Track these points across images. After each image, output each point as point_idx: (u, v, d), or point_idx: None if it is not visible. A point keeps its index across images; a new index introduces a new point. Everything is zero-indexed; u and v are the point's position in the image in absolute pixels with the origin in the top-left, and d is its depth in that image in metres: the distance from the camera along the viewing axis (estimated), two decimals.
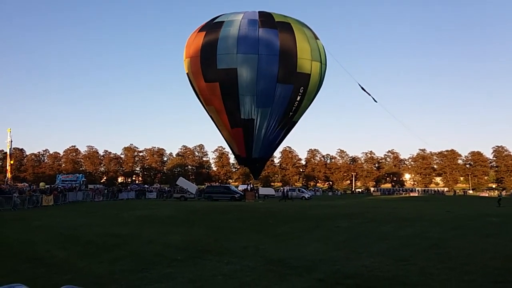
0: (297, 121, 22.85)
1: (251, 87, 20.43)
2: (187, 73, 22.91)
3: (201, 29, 22.13)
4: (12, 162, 66.85)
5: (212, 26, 21.61)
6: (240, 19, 21.27)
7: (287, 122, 21.88)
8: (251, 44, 20.36)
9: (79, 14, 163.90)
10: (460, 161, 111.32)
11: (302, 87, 20.96)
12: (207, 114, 23.66)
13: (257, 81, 20.33)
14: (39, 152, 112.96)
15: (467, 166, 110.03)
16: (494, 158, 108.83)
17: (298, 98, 21.09)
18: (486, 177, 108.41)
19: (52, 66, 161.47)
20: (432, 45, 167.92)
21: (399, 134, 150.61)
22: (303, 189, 62.37)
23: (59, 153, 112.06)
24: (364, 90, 24.75)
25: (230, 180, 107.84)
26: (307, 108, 22.78)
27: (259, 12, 22.10)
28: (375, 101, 25.77)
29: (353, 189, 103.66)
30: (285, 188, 67.34)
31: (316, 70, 21.60)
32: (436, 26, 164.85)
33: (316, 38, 22.76)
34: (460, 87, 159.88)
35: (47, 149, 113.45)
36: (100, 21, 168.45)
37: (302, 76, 20.91)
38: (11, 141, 62.31)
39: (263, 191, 57.88)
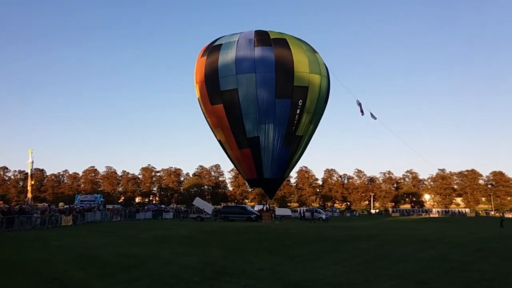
0: (303, 136, 22.62)
1: (252, 105, 20.80)
2: (198, 98, 23.47)
3: (203, 54, 22.72)
4: (32, 182, 68.14)
5: (212, 50, 22.17)
6: (237, 40, 21.76)
7: (292, 138, 21.80)
8: (248, 64, 20.85)
9: (98, 36, 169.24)
10: (481, 181, 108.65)
11: (300, 100, 21.07)
12: (216, 139, 23.95)
13: (257, 99, 20.69)
14: (59, 173, 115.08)
15: (489, 186, 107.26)
16: None
17: (298, 111, 21.17)
18: (509, 198, 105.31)
19: (71, 88, 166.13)
20: (450, 64, 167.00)
21: (417, 154, 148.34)
22: (320, 210, 61.49)
23: (78, 174, 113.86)
24: (360, 106, 24.72)
25: (246, 200, 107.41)
26: (311, 123, 22.59)
27: (255, 31, 22.43)
28: (374, 118, 25.77)
29: (370, 210, 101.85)
30: (302, 208, 66.73)
31: (315, 82, 21.64)
32: (452, 45, 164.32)
33: (315, 51, 22.89)
34: (479, 105, 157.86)
35: (66, 170, 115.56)
36: (118, 43, 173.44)
37: (300, 89, 21.04)
38: (32, 162, 63.77)
39: (279, 211, 57.37)
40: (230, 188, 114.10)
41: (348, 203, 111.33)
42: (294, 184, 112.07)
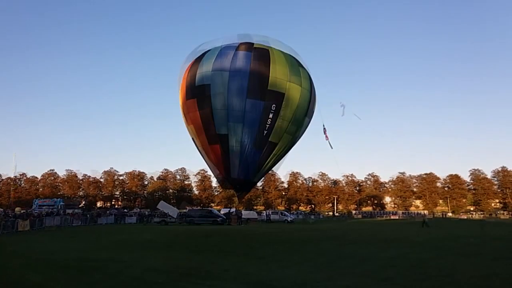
0: (278, 144, 22.67)
1: (222, 101, 20.98)
2: (180, 105, 23.71)
3: (187, 58, 23.04)
4: None
5: (198, 54, 22.62)
6: (221, 44, 22.20)
7: (264, 142, 21.83)
8: (224, 63, 21.23)
9: (52, 37, 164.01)
10: (439, 184, 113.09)
11: (273, 105, 21.23)
12: (191, 140, 23.91)
13: (227, 96, 20.87)
14: (15, 176, 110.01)
15: (446, 189, 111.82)
16: (471, 181, 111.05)
17: (271, 115, 21.31)
18: (464, 200, 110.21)
19: (28, 87, 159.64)
20: (410, 72, 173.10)
21: (378, 157, 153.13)
22: (286, 213, 62.29)
23: (36, 177, 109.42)
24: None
25: (212, 204, 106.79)
26: (288, 133, 22.60)
27: (240, 40, 22.83)
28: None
29: (334, 212, 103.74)
30: (267, 211, 67.11)
31: (294, 93, 21.84)
32: (414, 53, 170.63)
33: (300, 65, 23.24)
34: (437, 111, 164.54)
35: (24, 173, 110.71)
36: (84, 45, 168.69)
37: (274, 93, 21.24)
38: None
39: (245, 214, 57.45)
40: (196, 192, 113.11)
41: (313, 206, 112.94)
42: (261, 187, 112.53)
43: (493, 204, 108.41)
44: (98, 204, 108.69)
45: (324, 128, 25.95)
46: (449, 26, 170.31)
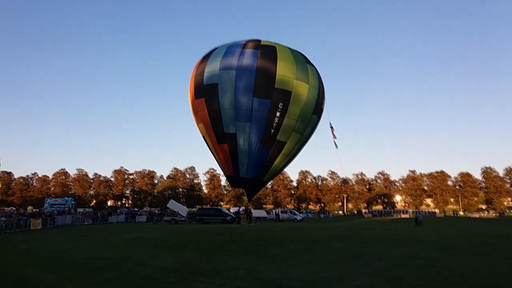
0: (286, 143, 22.47)
1: (229, 100, 21.01)
2: (189, 102, 23.92)
3: (202, 59, 23.39)
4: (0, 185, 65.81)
5: (207, 54, 22.92)
6: (230, 44, 22.41)
7: (272, 141, 21.63)
8: (231, 62, 21.29)
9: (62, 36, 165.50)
10: (450, 183, 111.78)
11: (281, 103, 21.08)
12: (201, 139, 24.08)
13: (235, 95, 20.89)
14: (27, 176, 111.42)
15: (457, 187, 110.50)
16: (483, 179, 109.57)
17: (278, 114, 21.16)
18: (476, 198, 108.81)
19: (40, 89, 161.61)
20: (421, 72, 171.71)
21: (389, 155, 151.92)
22: (295, 211, 62.25)
23: (48, 177, 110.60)
24: (332, 130, 25.51)
25: (222, 203, 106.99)
26: (297, 131, 22.40)
27: (248, 39, 22.96)
28: (336, 147, 26.79)
29: (344, 211, 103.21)
30: (277, 210, 67.16)
31: (301, 90, 21.66)
32: (426, 51, 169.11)
33: (308, 62, 23.08)
34: (448, 109, 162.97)
35: (35, 173, 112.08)
36: (94, 46, 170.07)
37: (281, 92, 21.10)
38: None
39: (254, 213, 57.50)
40: (205, 191, 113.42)
41: (322, 205, 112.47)
42: (270, 186, 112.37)
43: (505, 203, 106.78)
44: (109, 203, 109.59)
45: (331, 127, 25.90)
46: (461, 24, 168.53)
